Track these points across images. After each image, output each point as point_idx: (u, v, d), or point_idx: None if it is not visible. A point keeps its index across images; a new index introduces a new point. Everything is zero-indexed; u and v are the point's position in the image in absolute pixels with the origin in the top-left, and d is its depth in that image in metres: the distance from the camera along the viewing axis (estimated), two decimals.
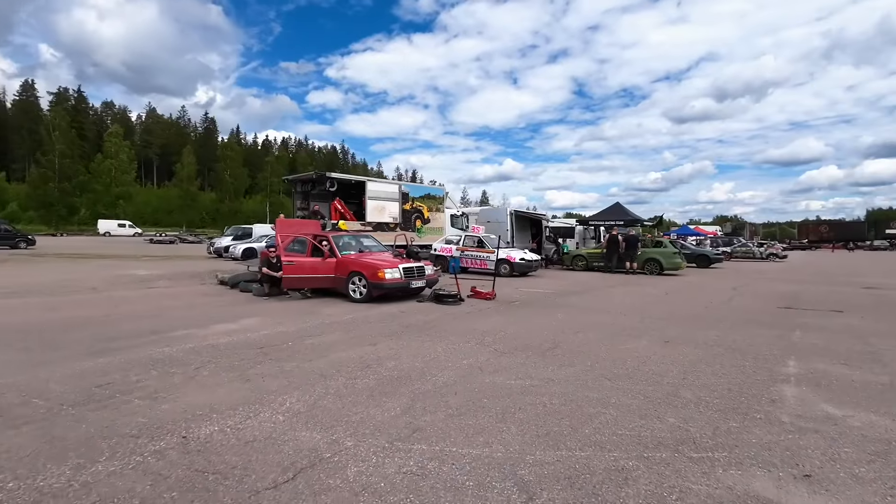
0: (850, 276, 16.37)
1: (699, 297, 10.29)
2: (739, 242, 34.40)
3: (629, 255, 16.44)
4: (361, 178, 16.86)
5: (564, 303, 9.09)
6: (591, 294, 10.65)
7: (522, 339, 5.92)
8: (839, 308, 8.65)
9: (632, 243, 16.56)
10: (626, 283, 13.47)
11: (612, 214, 21.76)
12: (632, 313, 7.95)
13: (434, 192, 19.38)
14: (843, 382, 4.23)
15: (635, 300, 9.64)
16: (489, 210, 20.38)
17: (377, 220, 16.74)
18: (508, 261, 14.60)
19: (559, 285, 12.51)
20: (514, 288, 11.42)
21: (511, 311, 8.16)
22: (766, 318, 7.65)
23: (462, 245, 16.02)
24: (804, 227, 71.13)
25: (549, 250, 21.60)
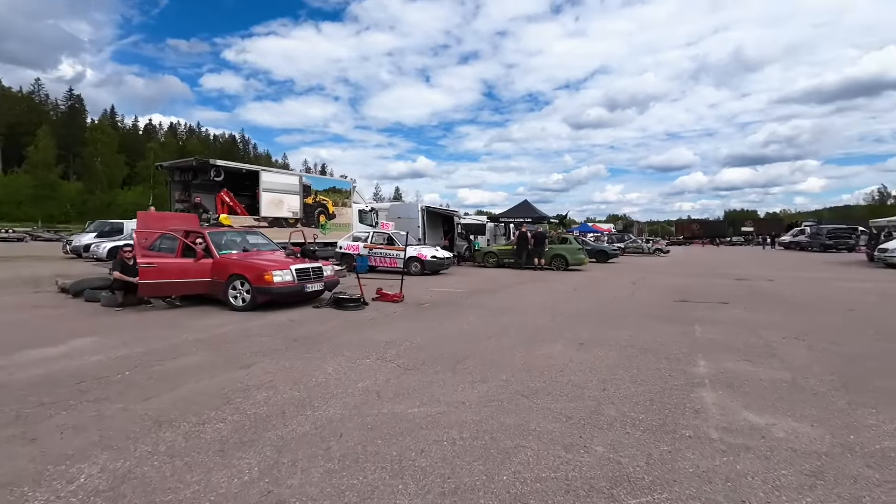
0: (722, 269, 18.33)
1: (604, 293, 10.48)
2: (630, 239, 37.68)
3: (538, 252, 16.69)
4: (254, 166, 14.99)
5: (476, 303, 8.60)
6: (502, 292, 10.34)
7: (430, 349, 5.19)
8: (724, 300, 9.26)
9: (540, 240, 16.84)
10: (535, 279, 13.51)
11: (520, 212, 22.16)
12: (543, 312, 7.66)
13: (340, 185, 18.02)
14: (753, 383, 4.12)
15: (546, 297, 9.48)
16: (400, 206, 19.54)
17: (274, 215, 15.03)
18: (419, 259, 13.91)
19: (471, 283, 12.09)
20: (425, 288, 10.74)
21: (420, 314, 7.42)
22: (667, 312, 7.83)
23: (370, 242, 14.99)
24: (680, 226, 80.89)
25: (461, 247, 21.39)
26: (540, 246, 16.72)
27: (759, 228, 71.08)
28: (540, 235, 16.91)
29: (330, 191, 17.36)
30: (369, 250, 14.77)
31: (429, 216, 18.66)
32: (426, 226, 18.36)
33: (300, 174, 16.50)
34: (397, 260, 14.31)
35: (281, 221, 15.27)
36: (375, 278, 12.29)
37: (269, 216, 14.91)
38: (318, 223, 16.71)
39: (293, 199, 15.68)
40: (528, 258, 16.94)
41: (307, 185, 16.35)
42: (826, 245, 34.19)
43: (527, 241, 16.92)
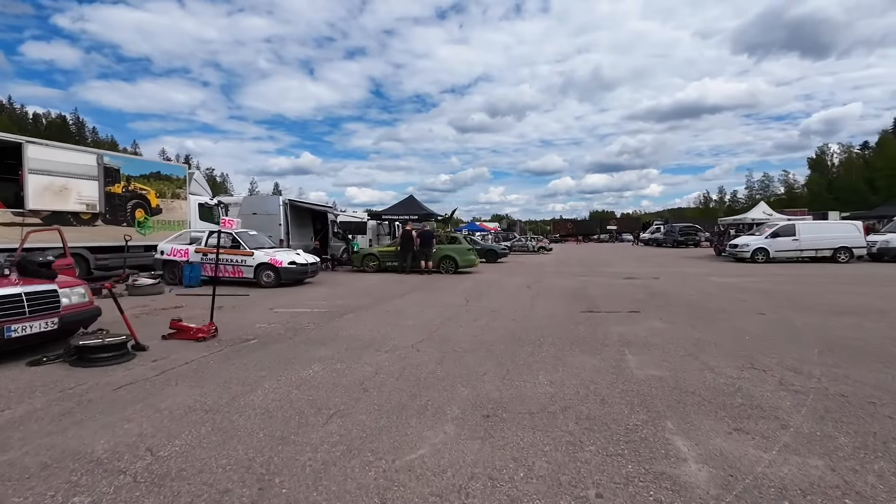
0: (607, 267, 18.27)
1: (502, 303, 8.64)
2: (516, 238, 38.11)
3: (424, 254, 14.57)
4: (13, 136, 10.26)
5: (333, 333, 5.98)
6: (376, 310, 7.86)
7: (197, 470, 2.49)
8: (631, 307, 8.04)
9: (426, 240, 14.73)
10: (421, 286, 11.31)
11: (405, 208, 19.91)
12: (428, 345, 5.37)
13: (170, 170, 13.75)
14: (771, 481, 2.26)
15: (432, 316, 7.25)
16: (256, 199, 15.88)
17: (52, 208, 10.52)
18: (272, 265, 10.74)
19: (338, 297, 9.39)
20: (269, 308, 7.78)
21: (225, 368, 4.54)
22: (582, 330, 6.13)
23: (206, 245, 11.32)
24: (556, 224, 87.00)
25: (338, 249, 18.39)
26: (427, 247, 14.62)
27: (622, 227, 79.69)
28: (426, 235, 14.81)
29: (152, 177, 13.07)
30: (203, 256, 11.11)
31: (294, 212, 15.36)
32: (290, 224, 15.05)
33: (100, 152, 11.96)
34: (243, 268, 10.94)
35: (66, 217, 10.78)
36: (204, 294, 8.90)
37: (44, 209, 10.36)
38: (132, 220, 12.39)
39: (87, 185, 11.24)
40: (413, 261, 14.71)
41: (113, 168, 11.96)
42: (678, 241, 38.38)
43: (412, 241, 14.68)
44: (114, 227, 11.87)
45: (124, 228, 12.04)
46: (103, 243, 11.65)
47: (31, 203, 10.08)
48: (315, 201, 18.40)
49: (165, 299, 8.91)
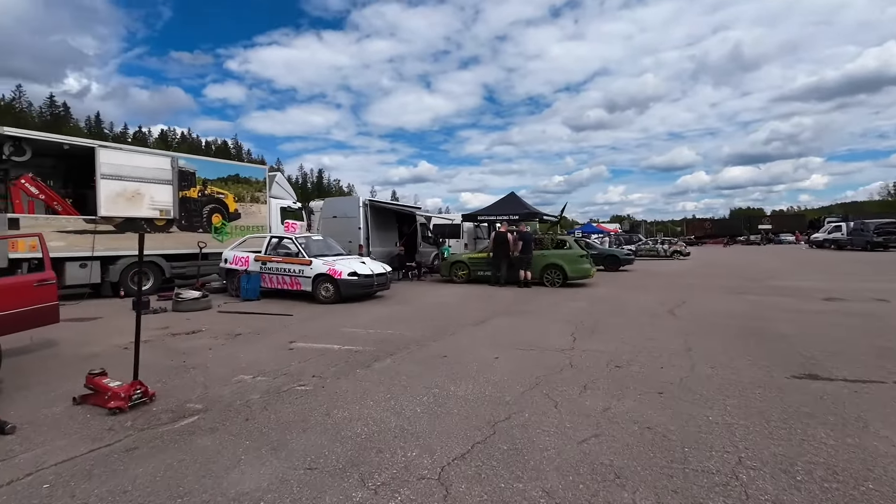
0: (775, 278, 13.25)
1: (631, 348, 5.43)
2: (642, 241, 32.53)
3: (523, 261, 11.66)
4: (86, 140, 10.03)
5: (317, 417, 3.52)
6: (430, 351, 5.31)
7: None
8: (866, 361, 4.24)
9: (526, 244, 11.79)
10: (512, 307, 8.49)
11: (505, 207, 17.10)
12: (477, 472, 2.63)
13: (248, 172, 13.01)
14: None
15: (509, 373, 4.43)
16: (336, 201, 14.56)
17: (124, 214, 10.07)
18: (331, 277, 8.90)
19: (393, 322, 7.07)
20: (289, 342, 5.70)
21: (85, 491, 2.38)
22: (801, 428, 2.80)
23: (266, 253, 9.98)
24: (691, 224, 75.48)
25: (428, 255, 16.38)
26: (526, 252, 11.69)
27: (778, 226, 65.82)
28: (526, 237, 11.86)
29: (230, 180, 12.39)
30: (262, 264, 9.77)
31: (376, 214, 13.67)
32: (371, 227, 13.37)
33: (174, 155, 11.51)
34: (300, 279, 9.30)
35: (139, 224, 10.31)
36: (254, 313, 7.32)
37: (116, 216, 9.95)
38: (209, 226, 11.75)
39: (161, 190, 10.72)
40: (510, 269, 11.91)
41: (188, 172, 11.39)
42: (873, 242, 29.02)
43: (506, 245, 11.89)
44: (189, 233, 11.29)
45: (200, 235, 11.42)
46: (179, 251, 11.11)
47: (103, 210, 9.71)
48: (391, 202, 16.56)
49: (201, 318, 7.52)
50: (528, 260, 11.65)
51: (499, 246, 11.98)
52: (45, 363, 4.73)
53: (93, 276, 9.68)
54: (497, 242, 12.06)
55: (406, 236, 15.17)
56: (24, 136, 9.18)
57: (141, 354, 4.95)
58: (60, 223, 9.27)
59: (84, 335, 6.06)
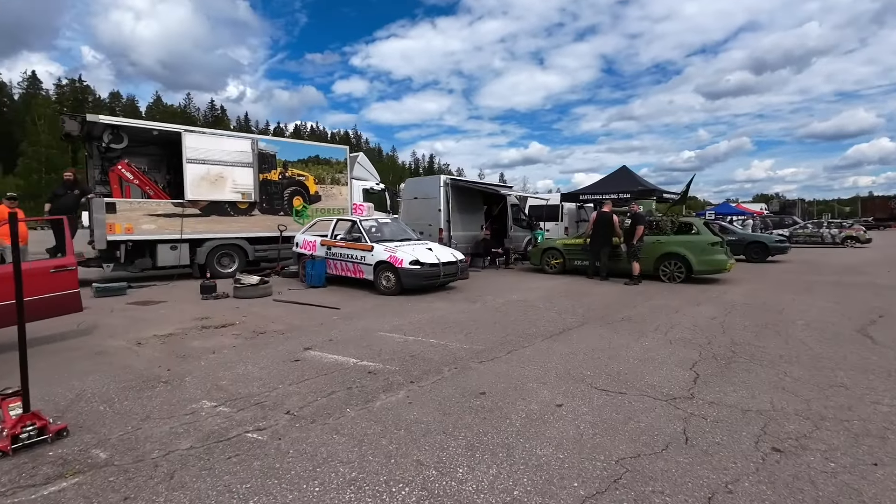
0: None
1: (804, 394, 3.30)
2: (798, 223, 26.14)
3: (633, 250, 9.32)
4: (172, 126, 10.26)
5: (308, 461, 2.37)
6: (482, 379, 3.83)
7: None
8: None
9: (635, 226, 9.37)
10: (613, 312, 6.50)
11: (614, 184, 14.46)
12: None
13: (328, 153, 12.55)
14: None
15: (607, 425, 2.77)
16: (417, 181, 13.47)
17: (209, 198, 10.20)
18: (392, 265, 7.82)
19: (450, 327, 5.67)
20: (304, 348, 4.63)
21: None
22: None
23: (332, 237, 9.29)
24: (869, 203, 60.42)
25: (521, 240, 14.63)
26: (636, 238, 9.30)
27: None
28: (638, 219, 9.44)
29: (310, 162, 12.06)
30: (328, 249, 9.10)
31: (458, 194, 12.32)
32: (453, 208, 12.07)
33: (255, 137, 11.41)
34: (363, 266, 8.40)
35: (223, 207, 10.42)
36: (309, 305, 6.61)
37: (201, 199, 10.12)
38: (290, 208, 11.58)
39: (242, 173, 10.69)
40: (613, 260, 9.68)
41: (268, 154, 11.24)
42: None
43: (610, 229, 9.66)
44: (271, 216, 11.19)
45: (281, 218, 11.28)
46: (262, 233, 11.09)
47: (189, 193, 9.92)
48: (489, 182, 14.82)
49: (253, 307, 6.99)
50: (637, 249, 9.27)
51: (599, 229, 9.77)
52: (46, 358, 4.32)
53: (182, 258, 10.00)
54: (598, 225, 9.85)
55: (492, 219, 13.59)
56: (120, 123, 9.67)
57: (141, 354, 4.32)
58: (151, 207, 9.63)
59: (128, 323, 5.79)
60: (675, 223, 9.73)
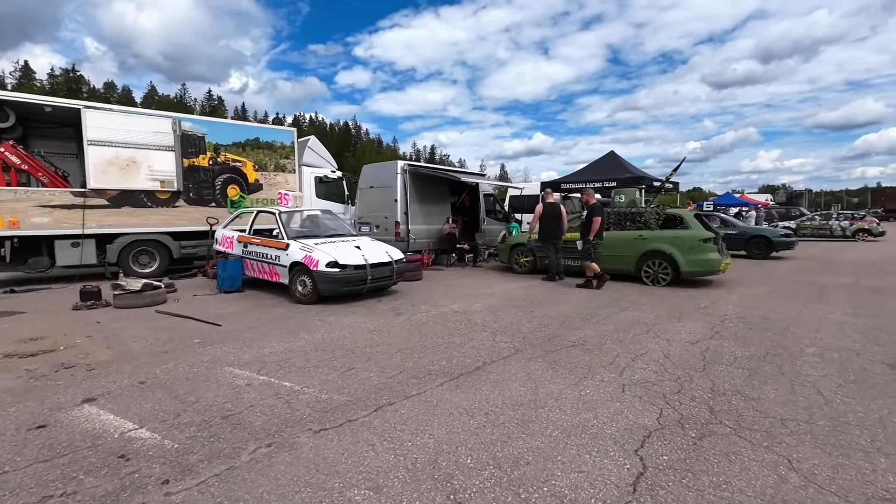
0: None
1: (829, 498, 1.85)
2: (804, 216, 24.41)
3: (589, 248, 7.81)
4: (65, 101, 8.73)
5: None
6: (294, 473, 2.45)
7: None
8: None
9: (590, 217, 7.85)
10: (564, 332, 5.06)
11: (600, 171, 12.93)
12: None
13: (271, 135, 11.01)
14: None
15: None
16: (374, 168, 11.92)
17: (119, 187, 8.79)
18: (306, 267, 6.37)
19: (340, 357, 4.25)
20: (138, 380, 3.25)
21: None
22: None
23: (249, 232, 7.84)
24: (879, 194, 58.34)
25: (497, 233, 13.17)
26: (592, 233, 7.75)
27: None
28: (594, 211, 7.91)
29: (249, 145, 10.58)
30: (244, 246, 7.67)
31: (419, 183, 10.83)
32: (412, 199, 10.60)
33: (176, 116, 9.87)
34: (277, 268, 6.97)
35: (137, 197, 9.00)
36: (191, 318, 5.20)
37: (109, 188, 8.70)
38: (224, 199, 10.13)
39: (161, 157, 9.24)
40: (583, 255, 8.22)
41: (194, 136, 9.76)
42: None
43: (558, 223, 8.28)
44: (199, 207, 9.76)
45: (213, 210, 9.85)
46: (188, 227, 9.67)
47: (92, 181, 8.49)
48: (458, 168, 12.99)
49: (122, 321, 5.59)
50: (592, 246, 7.76)
51: (547, 224, 8.36)
52: None
53: (86, 256, 8.61)
54: (545, 219, 8.41)
55: (460, 211, 12.11)
56: (5, 98, 8.23)
57: None
58: (44, 197, 8.22)
59: None
60: (660, 216, 8.22)
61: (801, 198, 53.08)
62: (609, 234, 8.54)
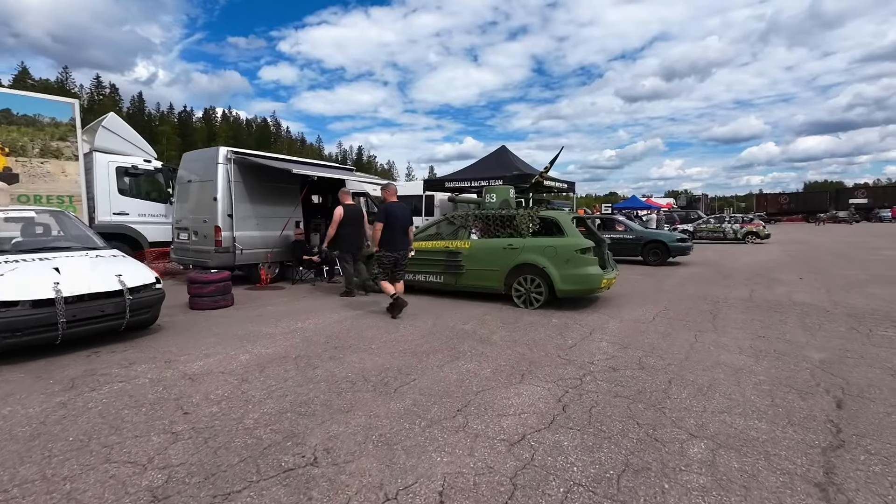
0: None
1: None
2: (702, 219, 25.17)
3: (375, 262, 6.11)
4: None
5: None
6: None
7: None
8: None
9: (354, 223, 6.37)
10: (332, 421, 3.04)
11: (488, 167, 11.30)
12: None
13: (34, 107, 7.92)
14: None
15: None
16: (193, 157, 9.08)
17: None
18: None
19: None
20: None
21: None
22: None
23: None
24: (762, 199, 64.82)
25: None
26: (374, 243, 5.92)
27: (875, 200, 54.13)
28: (398, 212, 5.86)
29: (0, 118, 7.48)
30: None
31: (251, 175, 8.34)
32: (238, 196, 8.09)
33: None
34: None
35: None
36: None
37: None
38: None
39: None
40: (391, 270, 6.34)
41: None
42: None
43: (361, 228, 7.15)
44: None
45: None
46: None
47: None
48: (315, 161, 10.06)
49: None
50: (381, 261, 6.01)
51: (347, 230, 6.91)
52: None
53: None
54: (345, 224, 6.85)
55: (318, 213, 9.81)
56: None
57: None
58: None
59: None
60: (534, 219, 6.54)
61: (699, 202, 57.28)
62: (477, 242, 6.76)
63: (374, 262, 5.87)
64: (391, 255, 5.79)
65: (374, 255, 5.98)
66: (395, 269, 5.89)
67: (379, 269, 5.92)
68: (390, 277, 5.85)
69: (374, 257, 6.01)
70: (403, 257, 5.92)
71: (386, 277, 5.83)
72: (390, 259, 5.80)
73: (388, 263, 5.81)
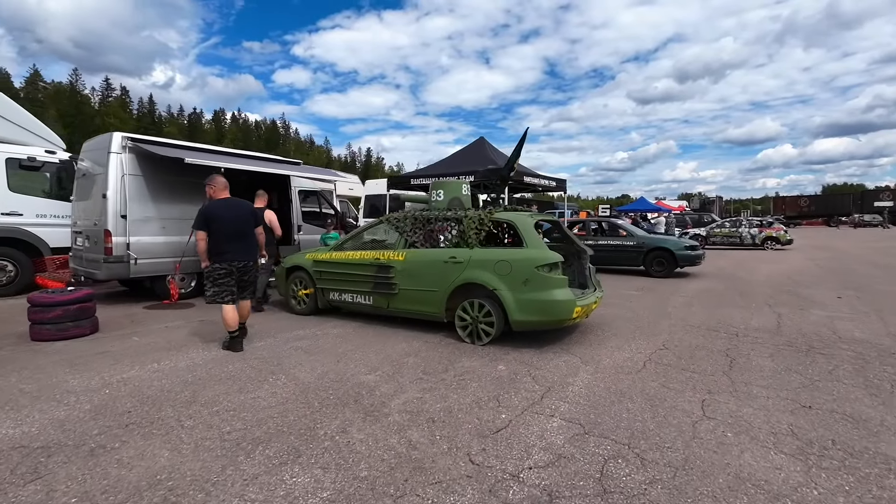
0: None
1: None
2: (715, 222, 23.17)
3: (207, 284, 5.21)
4: None
5: None
6: None
7: None
8: None
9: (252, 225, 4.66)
10: None
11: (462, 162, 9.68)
12: None
13: None
14: None
15: None
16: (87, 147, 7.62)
17: None
18: None
19: None
20: None
21: None
22: None
23: None
24: (780, 202, 62.03)
25: None
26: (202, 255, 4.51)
27: None
28: (250, 214, 4.55)
29: None
30: None
31: (155, 168, 6.80)
32: (135, 194, 6.58)
33: None
34: None
35: None
36: None
37: None
38: None
39: None
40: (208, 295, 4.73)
41: None
42: None
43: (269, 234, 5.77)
44: None
45: None
46: None
47: None
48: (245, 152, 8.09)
49: None
50: (208, 280, 4.42)
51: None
52: None
53: None
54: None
55: None
56: None
57: None
58: None
59: None
60: (485, 223, 4.88)
61: (713, 205, 54.75)
62: (413, 254, 5.12)
63: (205, 279, 4.27)
64: (223, 266, 4.26)
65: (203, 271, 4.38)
66: (240, 285, 4.40)
67: (214, 288, 4.29)
68: (232, 298, 4.28)
69: (203, 275, 4.41)
70: (246, 269, 4.41)
71: (227, 298, 4.24)
72: (222, 272, 4.25)
73: (221, 277, 4.24)
